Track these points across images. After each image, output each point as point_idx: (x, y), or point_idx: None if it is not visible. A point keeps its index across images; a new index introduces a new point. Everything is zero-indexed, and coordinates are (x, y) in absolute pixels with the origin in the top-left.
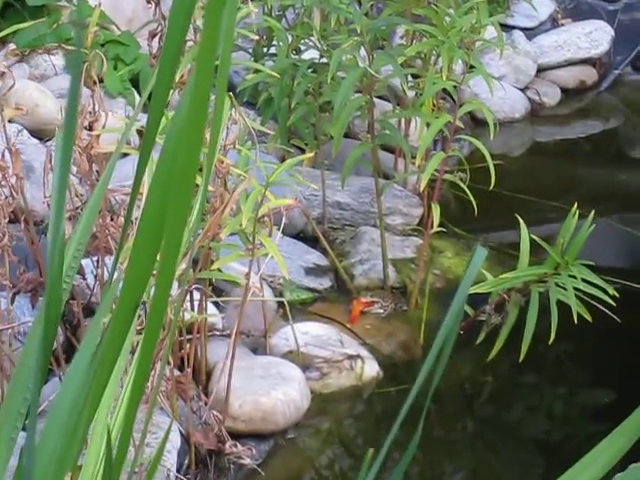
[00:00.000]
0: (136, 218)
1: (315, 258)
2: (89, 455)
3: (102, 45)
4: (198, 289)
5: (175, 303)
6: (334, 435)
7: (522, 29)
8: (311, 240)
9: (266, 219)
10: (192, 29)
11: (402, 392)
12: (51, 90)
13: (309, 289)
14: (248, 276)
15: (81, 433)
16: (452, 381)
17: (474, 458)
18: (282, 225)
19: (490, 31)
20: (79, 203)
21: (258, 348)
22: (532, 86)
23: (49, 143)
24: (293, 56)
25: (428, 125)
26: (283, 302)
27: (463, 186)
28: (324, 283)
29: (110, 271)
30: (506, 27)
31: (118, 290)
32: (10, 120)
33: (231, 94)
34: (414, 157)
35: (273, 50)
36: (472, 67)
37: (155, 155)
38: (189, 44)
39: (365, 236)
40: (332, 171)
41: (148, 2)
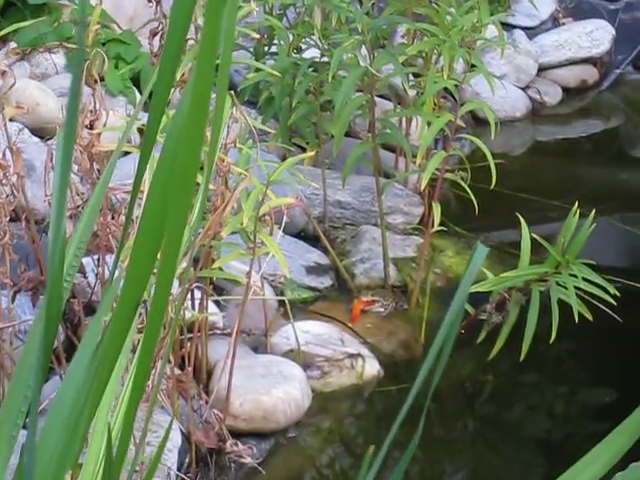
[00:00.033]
0: (137, 217)
1: (316, 257)
2: (90, 453)
3: (103, 44)
4: (199, 288)
5: (176, 302)
6: (335, 434)
7: (523, 28)
8: (312, 239)
9: (267, 218)
10: (193, 28)
11: (403, 391)
12: (52, 89)
13: (310, 288)
14: (249, 275)
15: (82, 431)
16: (453, 380)
17: (475, 457)
18: (283, 224)
19: (491, 30)
20: (80, 202)
21: (259, 347)
22: (533, 85)
23: (50, 142)
24: (294, 55)
25: (429, 124)
26: (284, 301)
27: (464, 185)
28: (325, 282)
29: (111, 270)
30: (507, 26)
31: (119, 289)
32: (11, 119)
33: (232, 93)
34: (415, 156)
35: (274, 49)
36: (473, 66)
37: (156, 154)
38: (190, 43)
39: (366, 235)
40: (333, 170)
41: (149, 1)
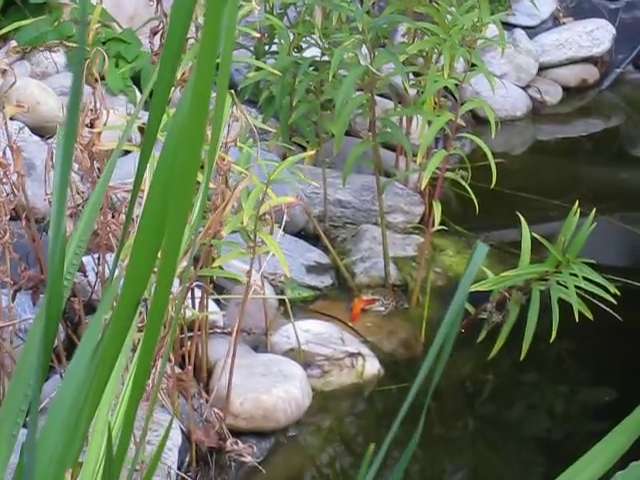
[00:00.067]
0: (137, 215)
1: (316, 256)
2: (90, 452)
3: (103, 43)
4: (199, 287)
5: (176, 300)
6: (335, 433)
7: (524, 27)
8: (312, 238)
9: (267, 217)
10: (193, 27)
11: (403, 390)
12: (52, 88)
13: (310, 287)
14: (249, 274)
15: (82, 430)
16: (453, 379)
17: (475, 456)
18: (283, 223)
19: (492, 29)
20: (80, 200)
21: (259, 346)
22: (533, 84)
23: (50, 140)
24: (295, 54)
25: (429, 123)
26: (284, 300)
27: (464, 184)
28: (325, 281)
29: (111, 268)
30: (508, 25)
31: (119, 287)
32: (11, 118)
33: (232, 92)
34: (415, 155)
35: (275, 48)
36: (474, 65)
37: (156, 152)
38: (190, 42)
39: (366, 234)
40: (333, 169)
41: None
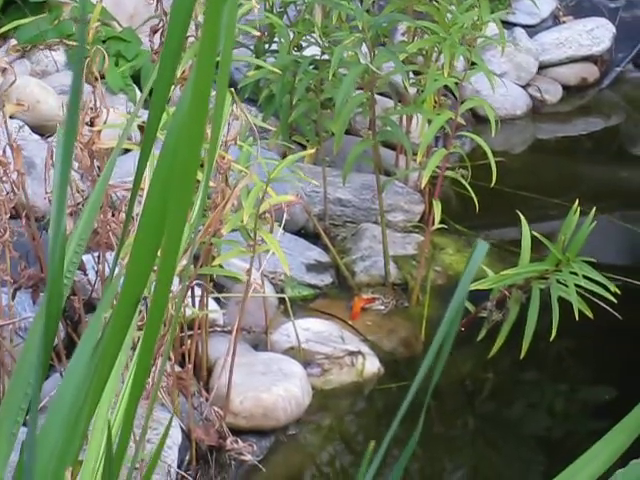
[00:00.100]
0: (137, 214)
1: (316, 255)
2: (90, 450)
3: (103, 41)
4: (199, 285)
5: (176, 299)
6: (335, 431)
7: (523, 26)
8: (312, 237)
9: (267, 215)
10: (193, 25)
11: (403, 388)
12: (52, 86)
13: (310, 285)
14: (249, 272)
15: (82, 428)
16: (453, 378)
17: (475, 455)
18: (283, 221)
19: (492, 28)
20: (80, 199)
21: (259, 344)
22: (533, 83)
23: (50, 139)
24: (294, 53)
25: (429, 122)
26: (284, 298)
27: (464, 183)
28: (325, 279)
29: (111, 267)
30: (508, 24)
31: (119, 286)
32: (11, 116)
33: (232, 90)
34: (415, 154)
35: (275, 47)
36: (474, 64)
37: (156, 151)
38: (190, 40)
39: (366, 233)
40: (333, 168)
41: None
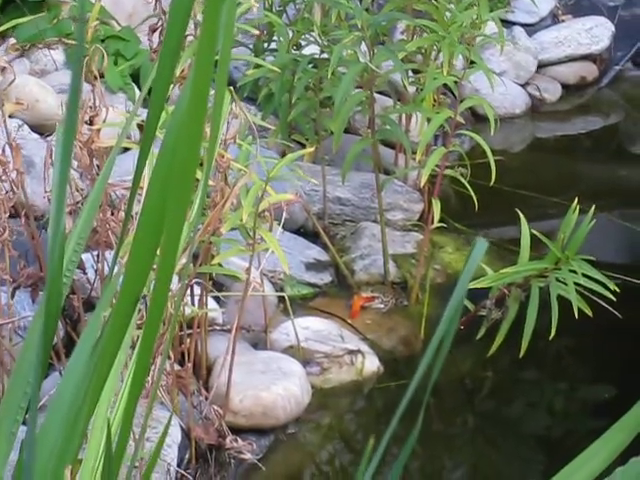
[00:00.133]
0: (136, 212)
1: (316, 253)
2: (89, 449)
3: (102, 40)
4: (198, 284)
5: (175, 297)
6: (335, 430)
7: (523, 25)
8: (312, 235)
9: (267, 214)
10: (192, 24)
11: (402, 387)
12: (51, 85)
13: (310, 284)
14: (249, 271)
15: (81, 427)
16: (452, 376)
17: (474, 453)
18: (282, 220)
19: (491, 27)
20: (80, 198)
21: (258, 343)
22: (533, 82)
23: (49, 138)
24: (294, 51)
25: (429, 120)
26: (284, 297)
27: (464, 181)
28: (325, 278)
29: (110, 265)
30: (507, 23)
31: (118, 284)
32: (10, 115)
33: (231, 89)
34: (415, 152)
35: (274, 45)
36: (473, 62)
37: (155, 149)
38: (189, 39)
39: (366, 231)
40: (332, 166)
41: None
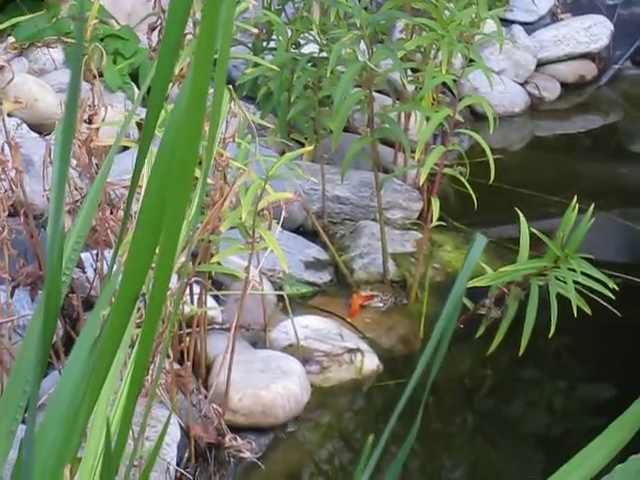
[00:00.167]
0: (135, 211)
1: (315, 252)
2: (88, 448)
3: (101, 39)
4: (198, 282)
5: (174, 296)
6: (334, 429)
7: (522, 23)
8: (311, 234)
9: (266, 213)
10: (191, 22)
11: (402, 385)
12: (50, 84)
13: (309, 283)
14: (248, 270)
15: (80, 426)
16: (452, 375)
17: (473, 452)
18: (282, 219)
19: (490, 25)
20: (78, 196)
21: (258, 342)
22: (532, 80)
23: (48, 137)
24: (293, 50)
25: (428, 119)
26: (283, 296)
27: (463, 180)
28: (324, 277)
29: (109, 264)
30: (506, 21)
31: (117, 283)
32: (9, 114)
33: (230, 87)
34: (414, 151)
35: (272, 44)
36: (472, 61)
37: (154, 148)
38: (188, 37)
39: (365, 230)
40: (332, 165)
41: None
